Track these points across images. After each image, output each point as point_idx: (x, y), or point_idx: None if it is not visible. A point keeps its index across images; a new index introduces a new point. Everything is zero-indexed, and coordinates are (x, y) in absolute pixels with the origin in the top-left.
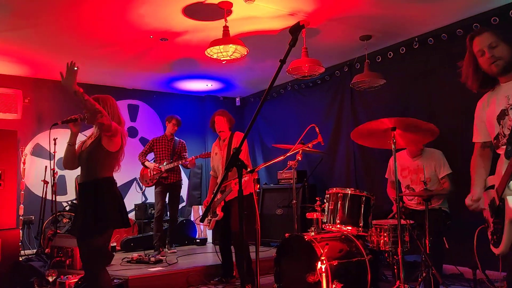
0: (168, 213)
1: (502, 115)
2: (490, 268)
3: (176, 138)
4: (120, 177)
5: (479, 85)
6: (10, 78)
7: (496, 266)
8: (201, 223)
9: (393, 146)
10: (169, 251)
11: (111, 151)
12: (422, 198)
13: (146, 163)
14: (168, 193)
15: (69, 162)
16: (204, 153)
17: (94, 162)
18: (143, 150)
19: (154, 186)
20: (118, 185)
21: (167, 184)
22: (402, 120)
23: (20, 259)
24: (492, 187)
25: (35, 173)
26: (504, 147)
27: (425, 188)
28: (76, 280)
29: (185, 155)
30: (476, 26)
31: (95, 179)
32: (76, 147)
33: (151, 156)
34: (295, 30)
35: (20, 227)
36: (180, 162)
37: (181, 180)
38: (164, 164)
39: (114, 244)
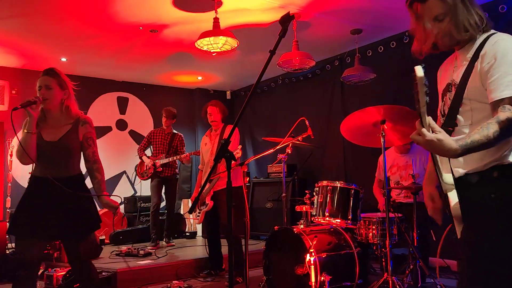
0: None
1: (447, 89)
2: None
3: (174, 131)
4: (109, 170)
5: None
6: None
7: None
8: (190, 217)
9: (382, 140)
10: (166, 244)
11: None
12: (410, 191)
13: (144, 158)
14: (164, 186)
15: (29, 153)
16: (198, 150)
17: (71, 155)
18: (141, 144)
19: (150, 180)
20: (108, 177)
21: (162, 178)
22: (389, 108)
23: (7, 251)
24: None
25: (22, 165)
26: None
27: (413, 181)
28: (64, 273)
29: (182, 149)
30: None
31: (72, 176)
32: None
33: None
34: (285, 20)
35: (7, 220)
36: (175, 158)
37: (177, 173)
38: (160, 159)
39: (103, 237)
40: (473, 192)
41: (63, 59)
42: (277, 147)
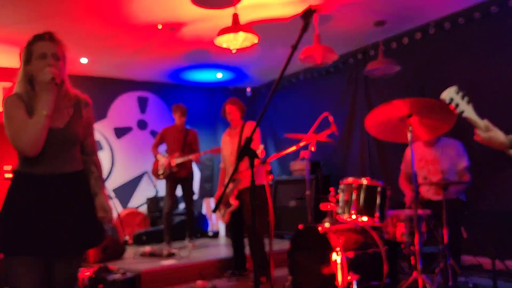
0: (181, 207)
1: None
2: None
3: (187, 127)
4: (131, 171)
5: None
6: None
7: None
8: (214, 216)
9: (409, 135)
10: (191, 245)
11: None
12: (440, 187)
13: (158, 156)
14: (181, 187)
15: (40, 142)
16: (211, 149)
17: (76, 145)
18: (154, 142)
19: (165, 181)
20: (130, 178)
21: (177, 178)
22: (416, 101)
23: None
24: None
25: None
26: None
27: (442, 177)
28: (90, 273)
29: (197, 147)
30: (495, 9)
31: (79, 171)
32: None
33: (163, 147)
34: (307, 15)
35: None
36: (190, 158)
37: (192, 173)
38: (175, 158)
39: (127, 238)
40: None
41: (83, 61)
42: (300, 145)
